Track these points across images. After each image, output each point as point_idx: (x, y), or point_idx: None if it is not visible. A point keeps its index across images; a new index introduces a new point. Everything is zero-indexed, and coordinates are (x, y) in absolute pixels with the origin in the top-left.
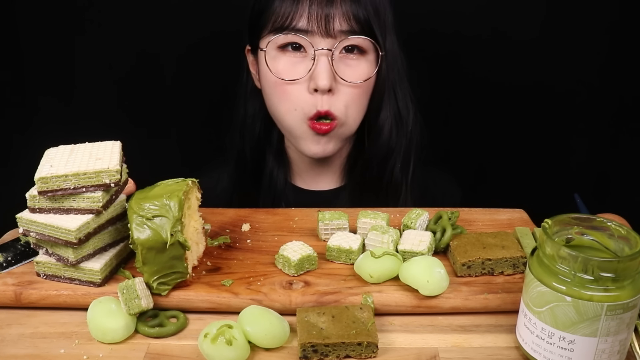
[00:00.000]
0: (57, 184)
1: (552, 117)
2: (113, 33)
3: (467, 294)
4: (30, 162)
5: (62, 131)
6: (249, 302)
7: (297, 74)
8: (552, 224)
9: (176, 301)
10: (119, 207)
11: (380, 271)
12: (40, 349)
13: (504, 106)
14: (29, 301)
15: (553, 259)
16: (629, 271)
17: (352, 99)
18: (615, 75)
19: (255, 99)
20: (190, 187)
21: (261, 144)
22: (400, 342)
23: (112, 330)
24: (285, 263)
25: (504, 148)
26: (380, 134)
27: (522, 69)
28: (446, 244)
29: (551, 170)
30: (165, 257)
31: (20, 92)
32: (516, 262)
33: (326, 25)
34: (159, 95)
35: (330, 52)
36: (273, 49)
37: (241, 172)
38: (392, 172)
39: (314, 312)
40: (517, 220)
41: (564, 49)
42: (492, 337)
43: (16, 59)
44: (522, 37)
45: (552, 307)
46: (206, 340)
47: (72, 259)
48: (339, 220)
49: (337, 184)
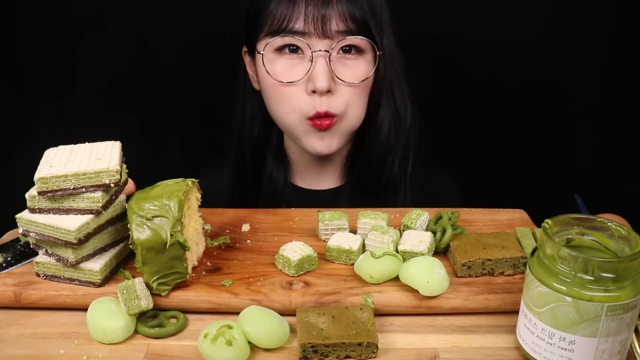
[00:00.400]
0: (56, 184)
1: (552, 117)
2: (112, 34)
3: (467, 295)
4: (30, 163)
5: (62, 131)
6: (248, 302)
7: (295, 76)
8: (553, 224)
9: (176, 301)
10: (119, 208)
11: (380, 271)
12: (40, 349)
13: (505, 106)
14: (28, 301)
15: (553, 260)
16: (630, 271)
17: (351, 98)
18: (616, 75)
19: (253, 100)
20: (190, 188)
21: (260, 144)
22: (400, 343)
23: (111, 331)
24: (285, 263)
25: (504, 148)
26: (379, 132)
27: (523, 69)
28: (446, 244)
29: (551, 171)
30: (165, 258)
31: (21, 92)
32: (516, 262)
33: (323, 27)
34: (159, 95)
35: (327, 53)
36: (270, 51)
37: (240, 172)
38: (391, 171)
39: (314, 313)
40: (517, 221)
41: (565, 48)
42: (493, 338)
43: (16, 59)
44: (524, 36)
45: (552, 307)
46: (206, 340)
47: (72, 259)
48: (339, 220)
49: (337, 183)
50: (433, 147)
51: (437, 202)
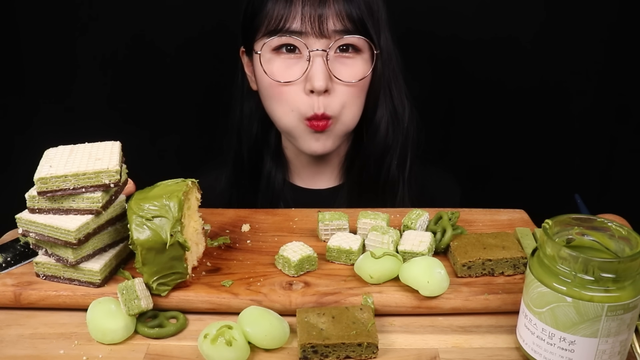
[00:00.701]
0: (56, 184)
1: (552, 117)
2: (111, 34)
3: (467, 295)
4: (29, 163)
5: (62, 131)
6: (248, 302)
7: (293, 75)
8: (553, 224)
9: (176, 302)
10: (119, 208)
11: (380, 272)
12: (40, 349)
13: (505, 106)
14: (28, 302)
15: (553, 260)
16: (630, 272)
17: (348, 98)
18: (615, 75)
19: (251, 100)
20: (190, 188)
21: (259, 144)
22: (400, 343)
23: (111, 331)
24: (285, 263)
25: (504, 148)
26: (377, 131)
27: (523, 69)
28: (446, 244)
29: (552, 171)
30: (165, 258)
31: (20, 92)
32: (517, 262)
33: (320, 26)
34: (159, 94)
35: (325, 53)
36: (267, 51)
37: (239, 172)
38: (389, 170)
39: (314, 313)
40: (517, 221)
41: (565, 47)
42: (493, 338)
43: (16, 59)
44: (524, 36)
45: (552, 307)
46: (206, 341)
47: (72, 259)
48: (339, 220)
49: (336, 182)
50: (433, 147)
51: (436, 201)
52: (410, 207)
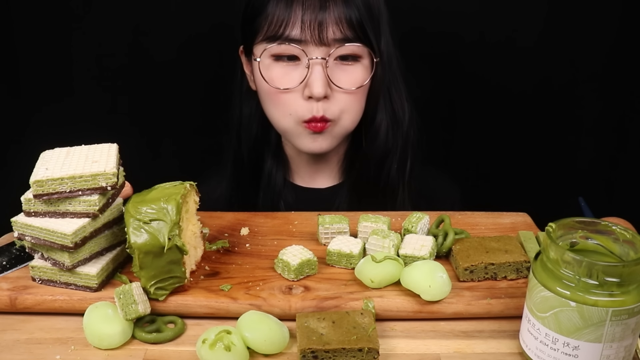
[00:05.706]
0: (52, 187)
1: (556, 119)
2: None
3: (469, 299)
4: (25, 165)
5: (58, 133)
6: (247, 307)
7: (291, 82)
8: (556, 227)
9: (174, 306)
10: (116, 211)
11: (381, 276)
12: (36, 354)
13: (508, 108)
14: (24, 306)
15: (557, 264)
16: (635, 276)
17: (347, 103)
18: (619, 77)
19: (250, 100)
20: (188, 191)
21: (259, 144)
22: (401, 348)
23: (108, 336)
24: (285, 267)
25: (507, 150)
26: (377, 135)
27: (525, 71)
28: (448, 248)
29: (555, 174)
30: (163, 262)
31: (16, 94)
32: (519, 266)
33: (320, 34)
34: (156, 97)
35: (324, 61)
36: (267, 57)
37: (239, 172)
38: (389, 173)
39: (314, 318)
40: (520, 224)
41: (568, 49)
42: (495, 343)
43: (12, 61)
44: (525, 37)
45: (556, 312)
46: (204, 346)
47: (68, 263)
48: (339, 224)
49: (336, 181)
50: (434, 149)
51: (437, 202)
52: (410, 209)
